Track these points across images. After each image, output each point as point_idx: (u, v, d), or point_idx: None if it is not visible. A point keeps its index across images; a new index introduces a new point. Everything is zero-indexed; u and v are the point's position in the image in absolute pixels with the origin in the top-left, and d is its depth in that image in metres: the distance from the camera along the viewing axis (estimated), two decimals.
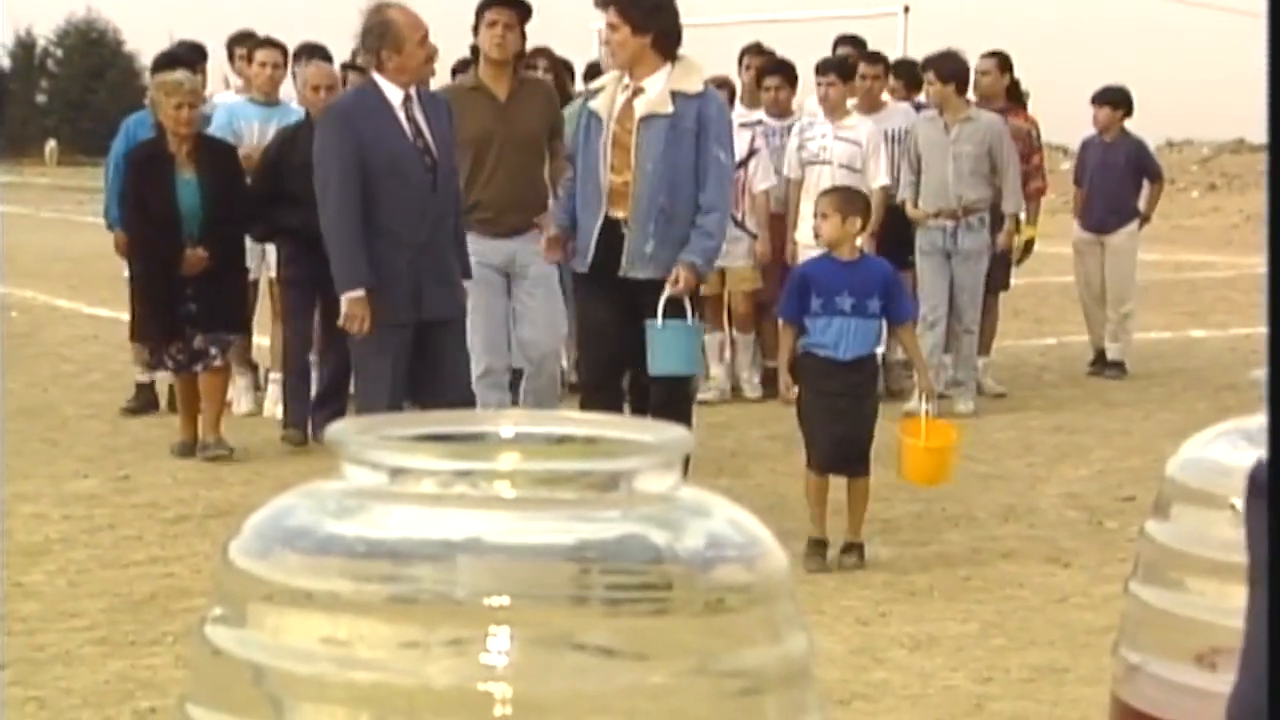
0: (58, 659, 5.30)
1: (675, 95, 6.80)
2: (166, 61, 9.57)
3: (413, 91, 6.83)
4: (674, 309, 6.71)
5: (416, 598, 1.71)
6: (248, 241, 8.73)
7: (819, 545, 6.43)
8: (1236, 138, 36.73)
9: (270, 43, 9.91)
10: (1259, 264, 11.83)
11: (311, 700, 1.70)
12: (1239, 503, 2.55)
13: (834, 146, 9.85)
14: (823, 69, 10.08)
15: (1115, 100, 11.37)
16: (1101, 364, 11.40)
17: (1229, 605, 2.55)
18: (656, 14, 6.82)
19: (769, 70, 10.51)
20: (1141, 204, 11.58)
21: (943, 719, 4.84)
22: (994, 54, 10.72)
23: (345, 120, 6.81)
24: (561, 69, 10.12)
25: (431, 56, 7.31)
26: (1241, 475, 2.57)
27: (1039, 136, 10.96)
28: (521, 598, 1.67)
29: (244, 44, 10.16)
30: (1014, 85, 10.90)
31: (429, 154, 6.79)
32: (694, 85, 6.88)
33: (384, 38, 6.72)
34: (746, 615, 1.76)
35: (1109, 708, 2.71)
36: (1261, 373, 2.65)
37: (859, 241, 6.61)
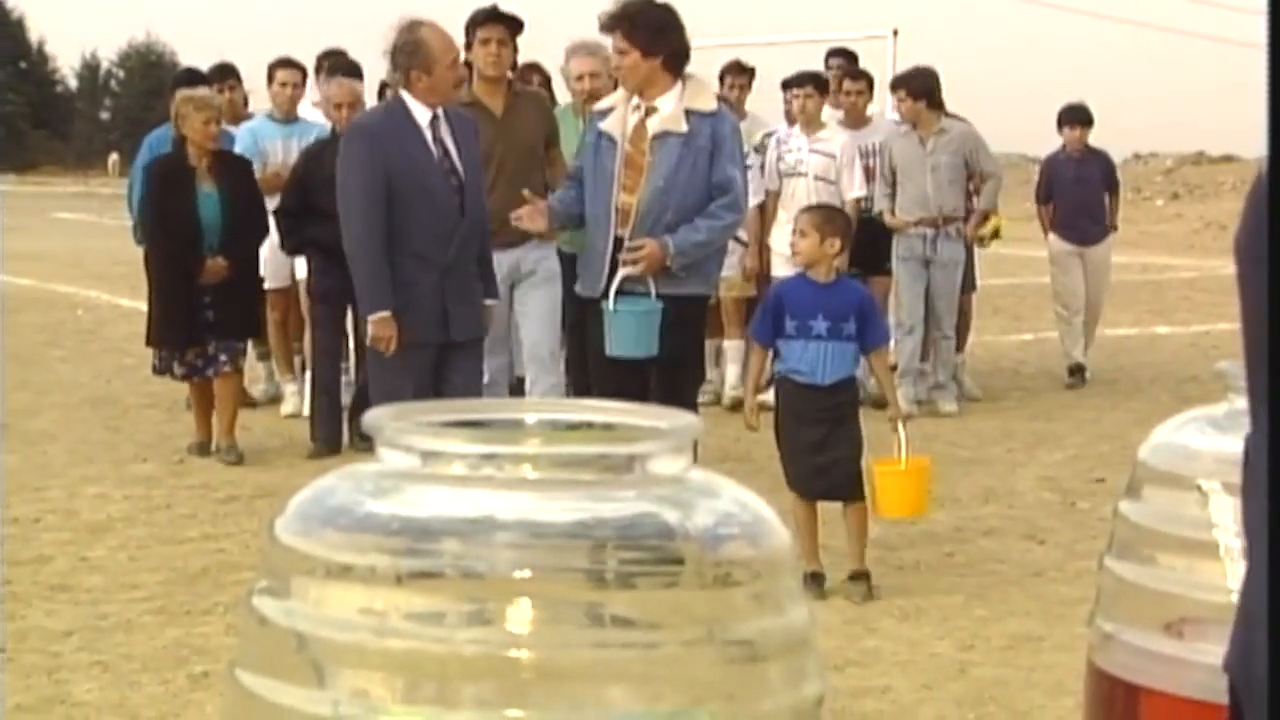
0: (119, 627, 5.29)
1: (689, 114, 6.21)
2: (188, 78, 9.43)
3: (440, 111, 6.26)
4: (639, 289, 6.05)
5: (446, 571, 1.71)
6: (280, 254, 8.51)
7: (815, 578, 5.65)
8: (1197, 150, 36.81)
9: (289, 63, 9.51)
10: (1219, 266, 11.78)
11: (350, 665, 1.69)
12: (1205, 484, 2.54)
13: (809, 159, 9.48)
14: (799, 81, 9.67)
15: (1085, 120, 11.27)
16: (1080, 375, 11.09)
17: (1196, 579, 2.54)
18: (665, 35, 6.21)
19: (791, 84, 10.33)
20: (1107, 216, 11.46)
21: (929, 683, 4.82)
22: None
23: (373, 140, 6.22)
24: (551, 83, 9.39)
25: (461, 80, 6.70)
26: (1208, 459, 2.56)
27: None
28: (543, 572, 1.66)
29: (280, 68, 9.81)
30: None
31: (455, 175, 6.26)
32: (707, 104, 6.32)
33: (415, 56, 6.16)
34: (752, 588, 1.75)
35: (1085, 673, 2.70)
36: (1227, 364, 2.63)
37: (835, 262, 5.96)
